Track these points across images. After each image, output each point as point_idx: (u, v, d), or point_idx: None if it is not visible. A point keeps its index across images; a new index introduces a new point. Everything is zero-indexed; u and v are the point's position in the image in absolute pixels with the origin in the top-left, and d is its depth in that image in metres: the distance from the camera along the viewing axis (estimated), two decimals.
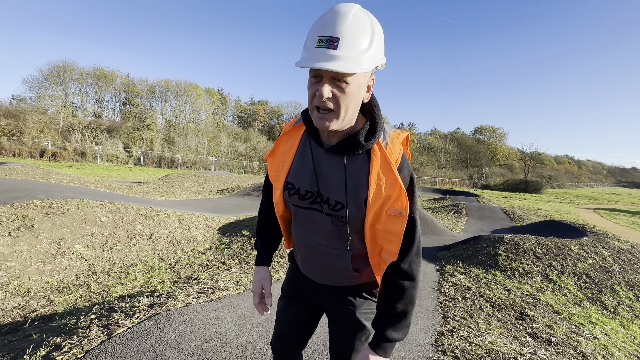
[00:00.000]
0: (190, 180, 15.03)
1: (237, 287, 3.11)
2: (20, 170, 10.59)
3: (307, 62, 0.75)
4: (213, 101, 48.83)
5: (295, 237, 1.05)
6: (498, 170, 58.38)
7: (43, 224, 4.25)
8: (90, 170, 19.26)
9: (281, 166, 0.99)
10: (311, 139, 0.93)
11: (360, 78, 0.80)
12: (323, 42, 0.74)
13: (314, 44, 0.76)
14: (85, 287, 3.57)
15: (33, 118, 24.47)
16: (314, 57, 0.75)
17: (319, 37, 0.75)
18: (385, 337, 0.90)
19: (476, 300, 3.98)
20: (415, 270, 0.92)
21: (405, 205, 0.85)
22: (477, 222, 11.67)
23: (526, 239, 5.95)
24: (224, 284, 3.37)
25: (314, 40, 0.76)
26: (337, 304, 1.03)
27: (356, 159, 0.88)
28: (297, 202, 0.96)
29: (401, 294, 0.91)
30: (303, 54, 0.79)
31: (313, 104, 0.81)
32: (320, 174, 0.92)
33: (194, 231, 5.94)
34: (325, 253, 0.97)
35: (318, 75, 0.79)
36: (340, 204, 0.89)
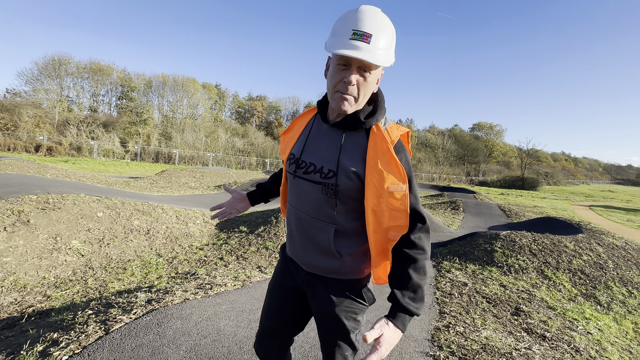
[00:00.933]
0: (188, 175, 14.98)
1: (234, 282, 3.11)
2: (15, 164, 10.49)
3: (344, 50, 0.83)
4: (211, 96, 48.47)
5: (289, 209, 1.11)
6: (495, 167, 58.63)
7: (39, 219, 4.22)
8: (87, 165, 19.12)
9: (289, 141, 1.11)
10: (319, 117, 1.05)
11: (378, 71, 0.93)
12: (358, 36, 0.84)
13: (348, 36, 0.85)
14: (83, 283, 3.56)
15: (28, 112, 24.18)
16: (350, 47, 0.84)
17: (353, 31, 0.84)
18: (404, 308, 0.90)
19: (472, 296, 4.02)
20: (426, 244, 0.95)
21: (404, 180, 0.90)
22: (474, 218, 11.74)
23: (522, 235, 6.00)
24: (221, 279, 3.37)
25: (347, 32, 0.85)
26: (318, 300, 1.04)
27: (356, 136, 0.97)
28: (294, 171, 1.04)
29: (414, 265, 0.92)
30: (335, 42, 0.87)
31: (336, 88, 0.91)
32: (318, 146, 1.01)
33: (192, 227, 5.93)
34: (311, 225, 1.01)
35: (347, 64, 0.88)
36: (332, 171, 0.95)
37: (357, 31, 0.84)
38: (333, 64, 0.91)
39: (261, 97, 59.18)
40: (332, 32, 0.89)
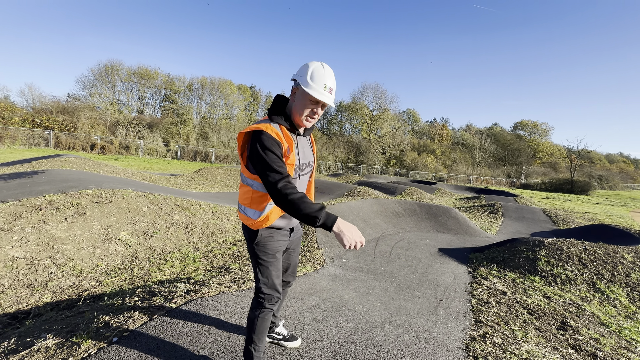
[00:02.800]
0: (223, 173, 15.64)
1: None
2: (74, 162, 11.64)
3: (321, 98, 1.49)
4: (245, 97, 50.20)
5: None
6: (540, 168, 54.38)
7: (94, 211, 4.65)
8: (134, 163, 20.68)
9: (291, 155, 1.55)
10: (294, 133, 1.59)
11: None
12: (327, 89, 1.51)
13: (322, 87, 1.49)
14: (129, 271, 3.86)
15: (85, 114, 26.72)
16: (323, 95, 1.49)
17: (324, 84, 1.50)
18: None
19: (512, 306, 3.78)
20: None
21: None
22: (514, 223, 11.00)
23: (571, 243, 5.52)
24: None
25: (321, 85, 1.49)
26: (294, 239, 1.77)
27: (308, 139, 1.72)
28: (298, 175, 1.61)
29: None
30: (313, 89, 1.47)
31: (308, 114, 1.53)
32: (304, 151, 1.64)
33: (226, 223, 6.19)
34: None
35: (317, 102, 1.51)
36: (311, 163, 1.71)
37: (326, 86, 1.50)
38: (305, 99, 1.48)
39: None
40: (310, 79, 1.47)
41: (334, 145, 42.91)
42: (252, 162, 1.40)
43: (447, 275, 4.71)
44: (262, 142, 1.36)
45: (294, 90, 1.51)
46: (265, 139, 1.37)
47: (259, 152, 1.36)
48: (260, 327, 1.52)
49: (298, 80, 1.47)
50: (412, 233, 7.44)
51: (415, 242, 6.58)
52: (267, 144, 1.37)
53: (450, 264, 5.33)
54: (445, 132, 61.43)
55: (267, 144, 1.37)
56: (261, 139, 1.37)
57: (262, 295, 1.52)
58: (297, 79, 1.48)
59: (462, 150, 55.76)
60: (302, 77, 1.46)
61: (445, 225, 8.35)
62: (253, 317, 1.52)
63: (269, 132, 1.39)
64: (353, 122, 55.47)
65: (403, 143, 49.68)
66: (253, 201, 1.49)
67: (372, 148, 45.78)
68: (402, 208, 8.94)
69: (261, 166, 1.36)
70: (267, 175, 1.34)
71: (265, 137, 1.38)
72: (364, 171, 40.19)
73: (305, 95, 1.46)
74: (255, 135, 1.39)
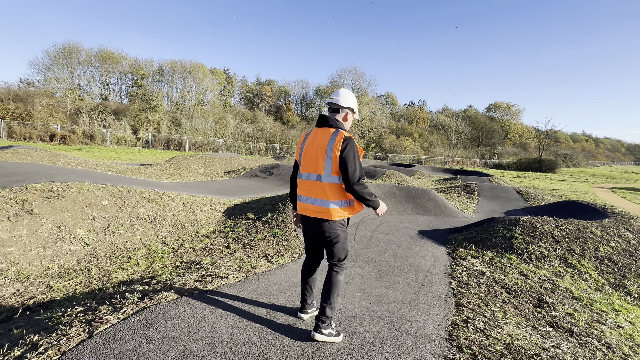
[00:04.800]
0: (197, 162, 14.96)
1: (237, 274, 2.96)
2: (28, 153, 10.63)
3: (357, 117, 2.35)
4: (219, 81, 48.06)
5: None
6: (511, 149, 56.73)
7: (43, 208, 4.16)
8: (99, 153, 19.38)
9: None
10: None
11: None
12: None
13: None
14: (86, 273, 3.49)
15: (41, 101, 24.52)
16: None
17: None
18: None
19: (491, 286, 3.78)
20: None
21: None
22: (489, 202, 11.32)
23: (544, 221, 5.65)
24: (225, 269, 3.24)
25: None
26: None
27: None
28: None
29: None
30: (357, 116, 2.28)
31: (349, 128, 2.15)
32: None
33: (199, 214, 5.83)
34: None
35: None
36: None
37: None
38: (353, 121, 2.27)
39: (270, 82, 58.36)
40: (357, 109, 2.22)
41: None
42: (347, 161, 1.89)
43: (427, 258, 4.67)
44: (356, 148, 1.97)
45: (347, 113, 2.11)
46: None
47: (355, 155, 1.92)
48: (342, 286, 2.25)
49: (354, 109, 2.15)
50: (392, 216, 7.41)
51: (396, 226, 6.54)
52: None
53: (430, 246, 5.32)
54: (423, 115, 62.28)
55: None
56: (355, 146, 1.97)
57: (344, 263, 2.11)
58: (353, 107, 2.13)
59: (438, 132, 56.90)
60: (355, 107, 2.15)
61: (424, 207, 8.40)
62: (340, 279, 2.06)
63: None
64: None
65: (382, 127, 49.90)
66: (342, 194, 1.98)
67: (351, 132, 45.71)
68: (382, 191, 8.89)
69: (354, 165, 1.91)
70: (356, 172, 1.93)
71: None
72: None
73: (353, 119, 2.19)
74: (352, 142, 1.96)
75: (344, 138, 1.88)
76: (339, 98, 2.05)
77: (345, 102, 2.05)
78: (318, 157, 1.93)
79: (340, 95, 2.08)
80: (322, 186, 1.93)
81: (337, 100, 2.04)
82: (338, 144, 1.86)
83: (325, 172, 1.90)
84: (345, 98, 2.06)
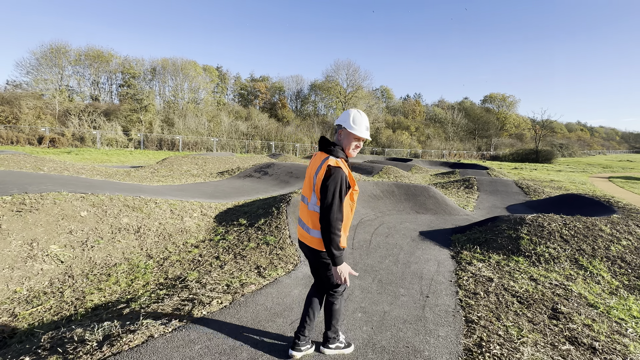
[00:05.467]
0: (190, 163, 14.56)
1: (223, 296, 2.65)
2: (11, 159, 10.18)
3: (365, 136, 1.92)
4: (212, 79, 47.29)
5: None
6: (507, 140, 56.64)
7: (13, 223, 3.81)
8: (90, 156, 18.88)
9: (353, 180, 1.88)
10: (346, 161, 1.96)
11: None
12: (367, 129, 1.94)
13: (364, 128, 1.92)
14: (58, 296, 3.17)
15: (28, 104, 23.87)
16: (367, 134, 1.92)
17: (366, 127, 1.93)
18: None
19: (500, 294, 3.52)
20: None
21: None
22: (489, 197, 11.08)
23: (551, 219, 5.39)
24: (210, 289, 2.93)
25: (363, 126, 1.92)
26: None
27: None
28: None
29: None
30: (359, 130, 1.89)
31: (352, 147, 1.92)
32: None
33: (188, 221, 5.51)
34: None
35: (360, 140, 1.93)
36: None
37: (367, 127, 1.94)
38: (350, 137, 1.90)
39: (264, 78, 57.57)
40: (353, 122, 1.89)
41: (309, 126, 41.92)
42: (324, 193, 1.73)
43: (430, 264, 4.40)
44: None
45: (340, 132, 1.91)
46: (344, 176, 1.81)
47: (336, 189, 1.72)
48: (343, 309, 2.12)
49: (343, 124, 1.89)
50: (391, 216, 7.13)
51: (395, 227, 6.26)
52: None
53: (433, 249, 5.05)
54: (419, 108, 61.93)
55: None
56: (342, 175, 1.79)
57: (339, 290, 1.97)
58: (341, 124, 1.90)
59: (435, 125, 56.64)
60: (346, 122, 1.89)
61: (425, 206, 8.13)
62: (336, 308, 1.98)
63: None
64: (327, 102, 54.30)
65: (378, 121, 49.50)
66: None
67: None
68: (380, 190, 8.61)
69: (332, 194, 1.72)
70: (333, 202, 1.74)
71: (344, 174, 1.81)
72: None
73: (348, 134, 1.89)
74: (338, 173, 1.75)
75: (328, 168, 1.75)
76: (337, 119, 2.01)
77: (338, 120, 1.97)
78: (309, 182, 1.89)
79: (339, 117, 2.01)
80: (310, 213, 1.87)
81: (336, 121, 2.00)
82: (321, 174, 1.75)
83: (312, 200, 1.84)
84: (340, 117, 1.97)
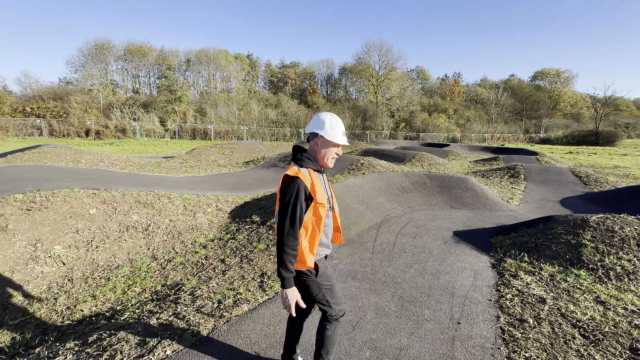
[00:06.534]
0: (217, 152, 14.66)
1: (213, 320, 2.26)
2: (53, 152, 10.82)
3: (344, 141, 1.73)
4: (243, 67, 47.67)
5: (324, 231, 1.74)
6: (561, 121, 50.82)
7: (20, 223, 3.76)
8: (129, 147, 19.90)
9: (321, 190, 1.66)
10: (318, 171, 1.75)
11: None
12: (344, 134, 1.75)
13: (342, 134, 1.73)
14: (51, 303, 3.02)
15: (76, 99, 25.69)
16: (344, 140, 1.73)
17: (342, 131, 1.74)
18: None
19: (556, 323, 2.78)
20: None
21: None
22: (539, 188, 9.72)
23: (624, 221, 4.36)
24: (198, 306, 2.57)
25: (340, 132, 1.72)
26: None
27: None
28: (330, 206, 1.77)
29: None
30: (336, 136, 1.70)
31: (331, 157, 1.74)
32: (326, 187, 1.78)
33: (200, 217, 5.28)
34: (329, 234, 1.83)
35: (338, 146, 1.75)
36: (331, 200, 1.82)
37: (343, 131, 1.75)
38: (328, 145, 1.70)
39: (294, 64, 56.92)
40: (330, 129, 1.69)
41: (339, 111, 40.84)
42: (279, 202, 1.57)
43: (465, 275, 3.71)
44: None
45: (316, 141, 1.71)
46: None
47: (291, 198, 1.53)
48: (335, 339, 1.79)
49: (318, 131, 1.68)
50: (421, 212, 6.39)
51: (425, 225, 5.55)
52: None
53: (469, 255, 4.32)
54: (458, 89, 57.63)
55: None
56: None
57: (334, 315, 1.75)
58: (315, 131, 1.69)
59: (476, 107, 52.43)
60: (320, 128, 1.69)
61: (461, 200, 7.23)
62: (328, 335, 1.75)
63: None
64: (358, 86, 52.42)
65: (412, 104, 46.89)
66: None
67: (380, 112, 43.44)
68: (410, 182, 7.82)
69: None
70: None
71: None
72: (372, 137, 38.43)
73: (325, 141, 1.70)
74: (295, 183, 1.56)
75: (284, 177, 1.59)
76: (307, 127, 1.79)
77: (310, 127, 1.75)
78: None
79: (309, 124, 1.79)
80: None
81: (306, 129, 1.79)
82: (279, 186, 1.62)
83: (275, 214, 1.67)
84: (312, 124, 1.75)
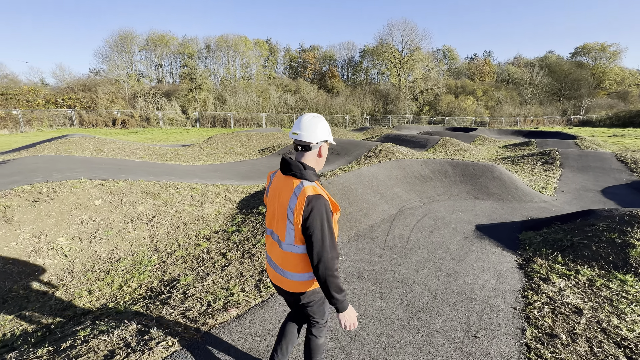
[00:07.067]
0: (234, 140, 14.64)
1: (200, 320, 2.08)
2: (78, 142, 11.21)
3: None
4: (262, 53, 47.24)
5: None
6: (604, 101, 46.38)
7: (25, 214, 3.78)
8: (152, 135, 20.44)
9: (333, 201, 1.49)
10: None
11: None
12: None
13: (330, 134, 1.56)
14: (48, 298, 2.99)
15: (103, 89, 26.62)
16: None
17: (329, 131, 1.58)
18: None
19: (595, 341, 2.36)
20: None
21: None
22: (577, 176, 8.80)
23: None
24: (185, 309, 2.40)
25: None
26: None
27: None
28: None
29: None
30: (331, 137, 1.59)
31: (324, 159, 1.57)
32: None
33: (207, 208, 5.16)
34: None
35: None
36: None
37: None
38: (326, 148, 1.54)
39: (314, 47, 55.64)
40: (328, 133, 1.52)
41: (359, 96, 39.67)
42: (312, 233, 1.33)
43: (486, 276, 3.31)
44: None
45: (320, 148, 1.50)
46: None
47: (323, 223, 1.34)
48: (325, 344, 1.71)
49: (328, 138, 1.52)
50: (441, 203, 5.92)
51: (445, 218, 5.11)
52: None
53: (492, 253, 3.88)
54: (488, 69, 54.01)
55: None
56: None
57: (324, 323, 1.64)
58: (326, 138, 1.50)
59: (507, 87, 49.02)
60: (327, 134, 1.51)
61: (486, 189, 6.64)
62: (320, 343, 1.66)
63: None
64: (380, 68, 50.47)
65: (437, 86, 44.58)
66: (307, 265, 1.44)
67: (403, 95, 41.71)
68: (430, 170, 7.29)
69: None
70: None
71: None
72: (394, 122, 37.14)
73: (327, 147, 1.54)
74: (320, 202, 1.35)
75: (307, 199, 1.34)
76: (303, 132, 1.43)
77: (312, 136, 1.44)
78: (279, 217, 1.45)
79: (304, 128, 1.44)
80: (283, 254, 1.46)
81: (301, 135, 1.43)
82: (299, 209, 1.35)
83: (287, 239, 1.41)
84: (311, 130, 1.44)
